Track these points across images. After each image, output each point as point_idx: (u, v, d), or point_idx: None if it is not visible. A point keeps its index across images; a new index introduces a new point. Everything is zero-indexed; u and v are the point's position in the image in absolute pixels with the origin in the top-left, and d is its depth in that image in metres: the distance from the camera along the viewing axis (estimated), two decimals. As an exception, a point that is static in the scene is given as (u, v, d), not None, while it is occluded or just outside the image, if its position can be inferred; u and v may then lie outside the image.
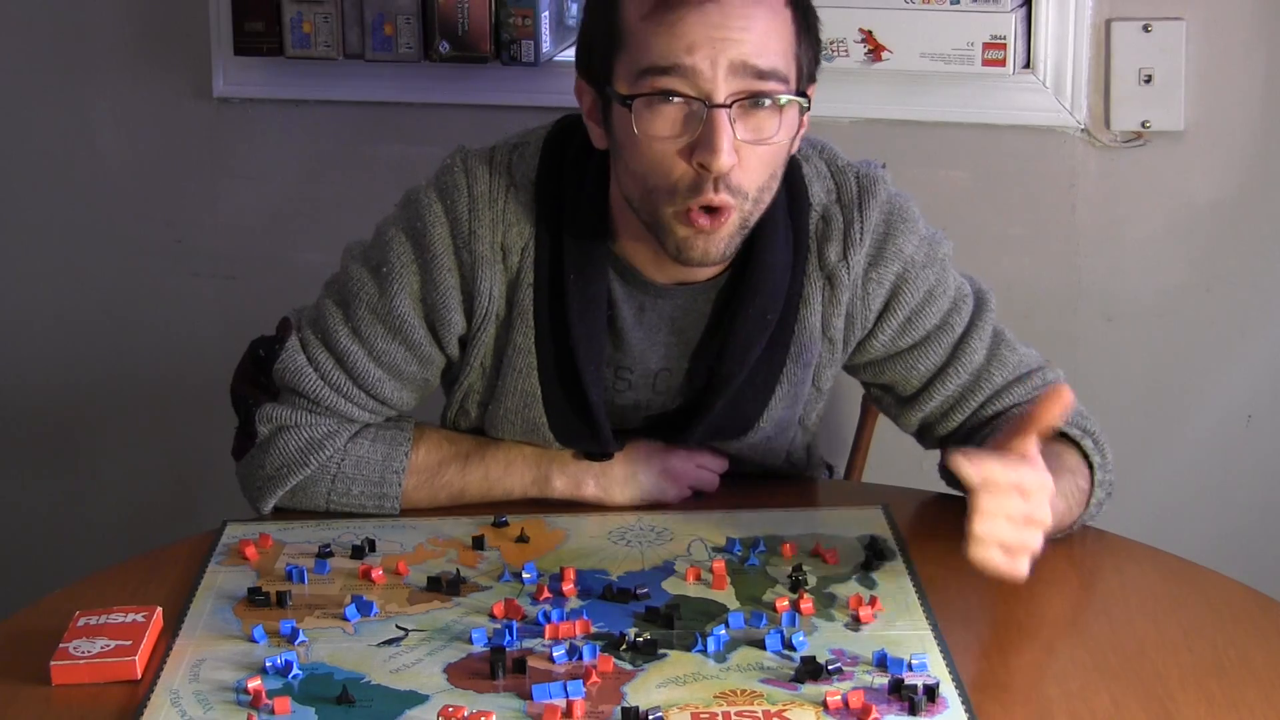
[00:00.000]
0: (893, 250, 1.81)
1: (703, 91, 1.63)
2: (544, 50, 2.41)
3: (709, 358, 1.82)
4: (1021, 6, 2.36)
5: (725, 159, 1.63)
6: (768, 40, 1.65)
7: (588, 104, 1.75)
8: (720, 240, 1.69)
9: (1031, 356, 1.88)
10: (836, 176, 1.82)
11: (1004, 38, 2.34)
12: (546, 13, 2.40)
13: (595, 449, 1.85)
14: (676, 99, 1.64)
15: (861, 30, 2.38)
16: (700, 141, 1.64)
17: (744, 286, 1.78)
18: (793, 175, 1.80)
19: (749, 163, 1.66)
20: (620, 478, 1.84)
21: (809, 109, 1.71)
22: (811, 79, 1.73)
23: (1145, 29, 2.37)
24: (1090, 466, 1.81)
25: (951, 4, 2.34)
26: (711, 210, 1.66)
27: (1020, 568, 1.57)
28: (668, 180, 1.66)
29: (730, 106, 1.63)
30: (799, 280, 1.80)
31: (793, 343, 1.81)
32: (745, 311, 1.78)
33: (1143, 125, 2.39)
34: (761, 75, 1.64)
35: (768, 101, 1.65)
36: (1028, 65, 2.39)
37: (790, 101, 1.67)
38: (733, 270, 1.79)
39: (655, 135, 1.65)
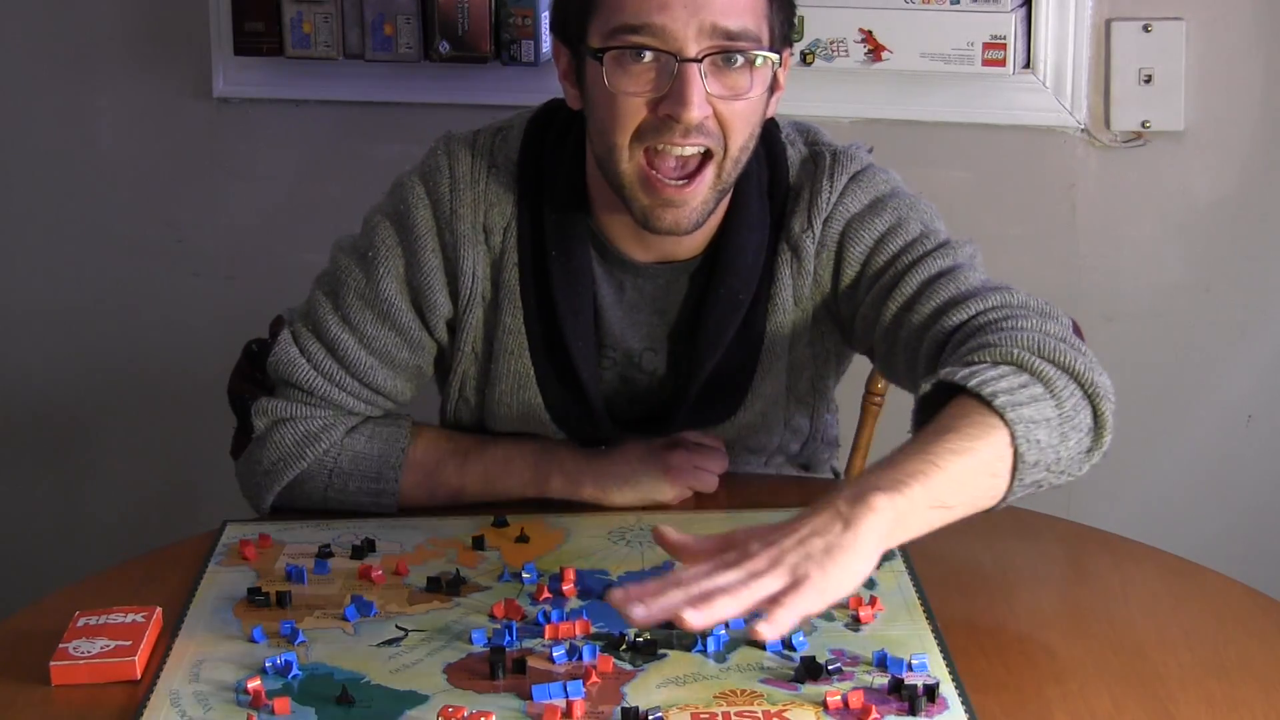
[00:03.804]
0: (840, 212, 1.81)
1: (673, 48, 1.65)
2: (544, 50, 2.41)
3: (686, 340, 1.83)
4: (1021, 6, 2.36)
5: (695, 111, 1.65)
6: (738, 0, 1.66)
7: (563, 65, 1.78)
8: (691, 210, 1.70)
9: (985, 288, 1.70)
10: (815, 157, 1.83)
11: (1004, 38, 2.34)
12: (546, 13, 2.40)
13: (592, 432, 1.85)
14: (647, 55, 1.66)
15: (861, 30, 2.38)
16: (670, 94, 1.66)
17: (717, 267, 1.79)
18: (777, 159, 1.82)
19: (731, 118, 1.68)
20: (619, 478, 1.84)
21: (780, 65, 1.73)
22: (786, 41, 1.75)
23: (1145, 29, 2.37)
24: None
25: (951, 4, 2.34)
26: (682, 177, 1.68)
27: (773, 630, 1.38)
28: (633, 126, 1.68)
29: (701, 61, 1.65)
30: (771, 259, 1.81)
31: (769, 321, 1.82)
32: (717, 292, 1.79)
33: (1143, 125, 2.40)
34: (732, 35, 1.66)
35: (739, 59, 1.67)
36: (1028, 65, 2.39)
37: (763, 60, 1.68)
38: (708, 251, 1.80)
39: (626, 90, 1.67)
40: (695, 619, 1.36)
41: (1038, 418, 1.53)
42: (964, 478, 1.49)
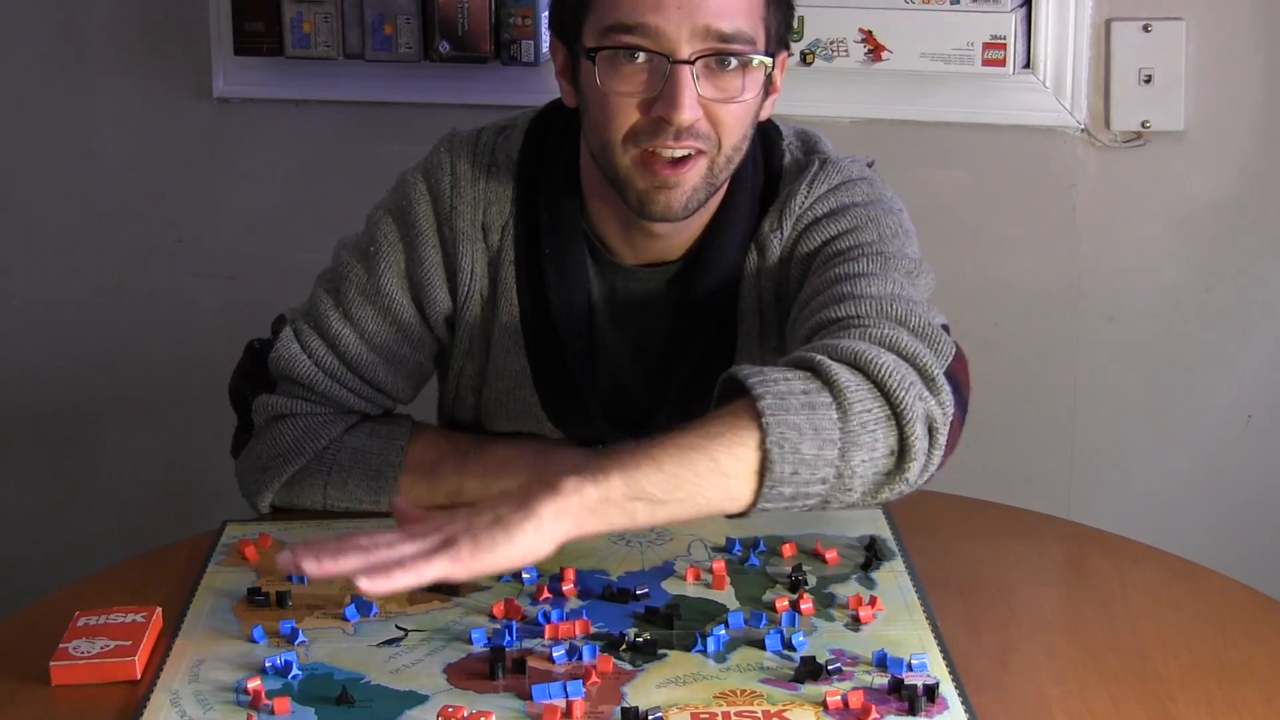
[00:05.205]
0: (807, 216, 1.79)
1: (666, 49, 1.65)
2: (544, 50, 2.41)
3: (663, 341, 1.83)
4: (1021, 6, 2.36)
5: (687, 113, 1.65)
6: (733, 1, 1.66)
7: (559, 62, 1.78)
8: (683, 193, 1.70)
9: (876, 295, 1.61)
10: (806, 164, 1.83)
11: (1004, 38, 2.34)
12: (546, 13, 2.40)
13: (588, 431, 1.86)
14: (640, 56, 1.66)
15: (861, 30, 2.38)
16: (662, 96, 1.66)
17: (698, 268, 1.80)
18: (773, 166, 1.83)
19: (724, 120, 1.68)
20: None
21: (773, 69, 1.72)
22: (783, 43, 1.75)
23: (1145, 29, 2.37)
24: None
25: (951, 4, 2.34)
26: (675, 161, 1.68)
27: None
28: (625, 127, 1.68)
29: (694, 63, 1.65)
30: (741, 258, 1.81)
31: (740, 321, 1.82)
32: (696, 293, 1.80)
33: (1143, 125, 2.39)
34: (726, 37, 1.66)
35: (733, 61, 1.67)
36: (1028, 65, 2.39)
37: (757, 62, 1.68)
38: (692, 252, 1.81)
39: (618, 91, 1.67)
40: (309, 568, 1.39)
41: (805, 427, 1.44)
42: (683, 475, 1.44)
